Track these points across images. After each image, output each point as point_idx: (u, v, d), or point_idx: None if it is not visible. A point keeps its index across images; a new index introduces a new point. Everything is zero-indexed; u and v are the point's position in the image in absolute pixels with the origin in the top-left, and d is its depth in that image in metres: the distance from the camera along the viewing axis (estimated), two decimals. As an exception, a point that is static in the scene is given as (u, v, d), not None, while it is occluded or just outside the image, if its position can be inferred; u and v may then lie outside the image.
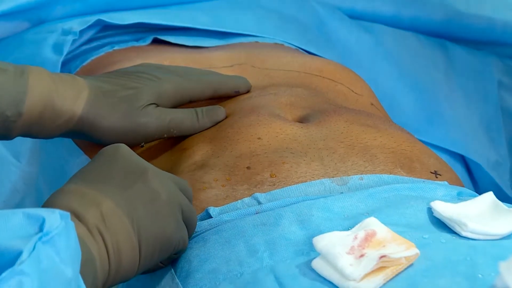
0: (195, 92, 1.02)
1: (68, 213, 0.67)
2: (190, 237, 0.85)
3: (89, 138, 0.97)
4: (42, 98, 0.92)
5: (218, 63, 1.18)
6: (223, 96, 1.05)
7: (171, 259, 0.84)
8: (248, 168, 0.91)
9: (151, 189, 0.79)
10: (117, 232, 0.76)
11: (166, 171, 0.95)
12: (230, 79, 1.06)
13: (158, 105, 0.98)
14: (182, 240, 0.82)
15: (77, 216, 0.75)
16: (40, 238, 0.64)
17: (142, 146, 0.99)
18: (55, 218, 0.66)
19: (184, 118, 0.99)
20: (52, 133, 0.95)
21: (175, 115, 0.98)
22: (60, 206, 0.75)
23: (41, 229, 0.65)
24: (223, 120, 1.01)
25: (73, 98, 0.94)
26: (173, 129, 0.98)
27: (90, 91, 0.95)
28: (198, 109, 1.00)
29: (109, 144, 0.92)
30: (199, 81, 1.03)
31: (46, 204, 0.76)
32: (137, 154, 0.88)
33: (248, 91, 1.07)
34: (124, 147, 0.82)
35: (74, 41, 1.22)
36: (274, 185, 0.89)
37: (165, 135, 0.99)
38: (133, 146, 0.97)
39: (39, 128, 0.93)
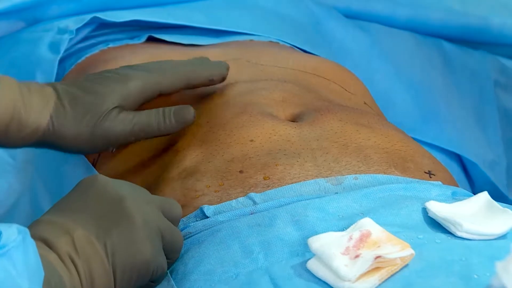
0: (164, 86, 0.99)
1: (27, 229, 0.67)
2: (174, 261, 0.84)
3: (56, 148, 0.96)
4: (9, 110, 0.91)
5: (212, 57, 1.18)
6: (197, 86, 1.03)
7: (149, 287, 0.82)
8: (240, 172, 0.91)
9: (126, 215, 0.78)
10: (89, 259, 0.75)
11: (157, 175, 0.95)
12: (204, 67, 1.02)
13: (124, 107, 0.96)
14: (160, 266, 0.80)
15: (48, 245, 0.74)
16: None
17: (113, 151, 0.97)
18: (12, 232, 0.66)
19: (149, 121, 0.96)
20: (18, 144, 0.94)
21: (140, 119, 0.96)
22: (32, 236, 0.74)
23: None
24: (214, 121, 1.00)
25: (40, 108, 0.93)
26: (139, 132, 0.96)
27: (56, 100, 0.94)
28: (166, 109, 0.97)
29: (76, 153, 0.91)
30: (169, 73, 1.00)
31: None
32: (114, 157, 0.88)
33: (223, 79, 1.04)
34: (101, 178, 0.81)
35: (69, 39, 1.22)
36: (268, 186, 0.89)
37: (133, 138, 0.96)
38: (102, 152, 0.96)
39: (5, 139, 0.93)
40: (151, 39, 1.26)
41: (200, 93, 1.07)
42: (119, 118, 0.95)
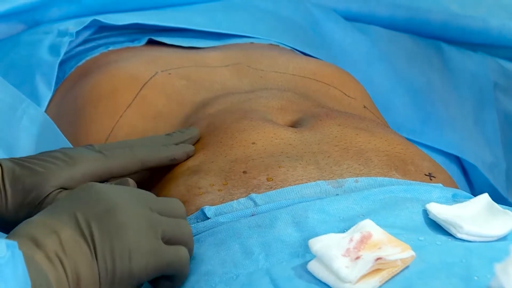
0: (114, 170, 0.93)
1: (15, 242, 0.67)
2: (191, 249, 0.82)
3: None
4: None
5: (213, 62, 1.18)
6: (156, 167, 0.96)
7: (179, 281, 0.81)
8: (244, 172, 0.91)
9: (116, 220, 0.77)
10: (76, 258, 0.75)
11: (161, 175, 0.95)
12: (166, 148, 0.96)
13: (67, 188, 0.90)
14: (164, 262, 0.78)
15: (36, 243, 0.74)
16: None
17: None
18: (1, 248, 0.66)
19: None
20: None
21: None
22: (20, 234, 0.74)
23: None
24: (214, 125, 1.00)
25: None
26: None
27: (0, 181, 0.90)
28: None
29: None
30: (122, 157, 0.93)
31: (10, 234, 0.76)
32: None
33: (188, 157, 0.97)
34: (99, 185, 0.80)
35: (70, 42, 1.22)
36: (271, 188, 0.89)
37: None
38: None
39: None
40: (151, 42, 1.26)
41: (200, 101, 1.07)
42: (58, 199, 0.89)
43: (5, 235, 0.76)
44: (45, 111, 1.16)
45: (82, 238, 0.76)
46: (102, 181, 0.92)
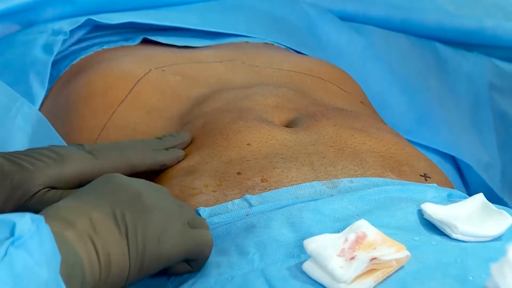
0: (104, 172, 0.90)
1: (41, 217, 0.67)
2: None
3: None
4: None
5: (208, 58, 1.18)
6: (147, 170, 0.95)
7: (198, 266, 0.82)
8: (238, 173, 0.91)
9: (143, 205, 0.78)
10: (106, 238, 0.75)
11: (155, 175, 0.95)
12: (156, 153, 0.96)
13: (56, 187, 0.90)
14: (194, 244, 0.79)
15: (66, 223, 0.74)
16: (12, 243, 0.64)
17: None
18: (25, 222, 0.65)
19: None
20: None
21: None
22: (49, 215, 0.73)
23: (12, 233, 0.65)
24: (210, 125, 1.00)
25: None
26: None
27: None
28: None
29: None
30: (112, 159, 0.93)
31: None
32: None
33: (178, 162, 0.96)
34: (117, 175, 0.80)
35: (64, 41, 1.23)
36: (265, 189, 0.89)
37: None
38: None
39: None
40: (145, 41, 1.26)
41: (195, 97, 1.07)
42: (45, 198, 0.89)
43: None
44: (39, 110, 1.15)
45: (113, 220, 0.76)
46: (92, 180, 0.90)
